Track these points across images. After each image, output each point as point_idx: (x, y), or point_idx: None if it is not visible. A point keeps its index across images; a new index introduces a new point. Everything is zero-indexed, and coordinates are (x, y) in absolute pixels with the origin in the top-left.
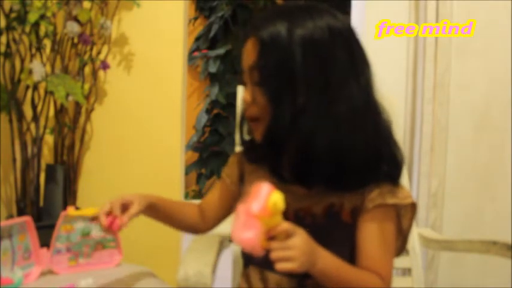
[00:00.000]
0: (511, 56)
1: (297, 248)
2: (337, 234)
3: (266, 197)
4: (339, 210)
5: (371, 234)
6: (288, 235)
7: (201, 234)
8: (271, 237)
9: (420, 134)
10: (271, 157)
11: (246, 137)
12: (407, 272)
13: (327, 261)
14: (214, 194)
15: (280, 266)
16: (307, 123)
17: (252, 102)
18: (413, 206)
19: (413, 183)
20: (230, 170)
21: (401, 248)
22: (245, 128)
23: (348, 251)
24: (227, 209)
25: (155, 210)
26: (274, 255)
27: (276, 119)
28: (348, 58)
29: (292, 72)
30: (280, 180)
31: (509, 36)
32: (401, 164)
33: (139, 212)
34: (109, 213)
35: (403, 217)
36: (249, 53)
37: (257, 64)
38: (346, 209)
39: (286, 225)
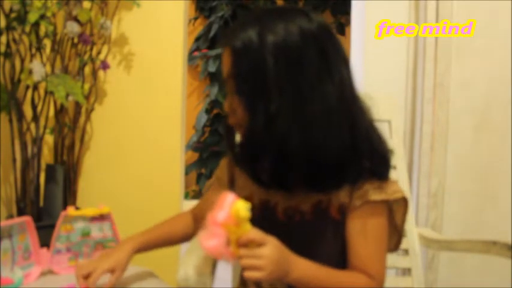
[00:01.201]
0: (511, 56)
1: (266, 257)
2: (327, 231)
3: (230, 206)
4: (326, 206)
5: (358, 232)
6: (258, 244)
7: None
8: (242, 245)
9: (420, 134)
10: (250, 162)
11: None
12: (407, 272)
13: (304, 269)
14: (208, 199)
15: (248, 274)
16: (280, 127)
17: (231, 110)
18: (404, 201)
19: (413, 183)
20: (221, 173)
21: (397, 244)
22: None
23: (339, 247)
24: None
25: (145, 248)
26: (242, 262)
27: (252, 126)
28: (321, 59)
29: (264, 79)
30: (260, 185)
31: (509, 36)
32: (388, 158)
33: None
34: (86, 276)
35: (395, 213)
36: (225, 63)
37: (231, 73)
38: (333, 206)
39: (253, 234)
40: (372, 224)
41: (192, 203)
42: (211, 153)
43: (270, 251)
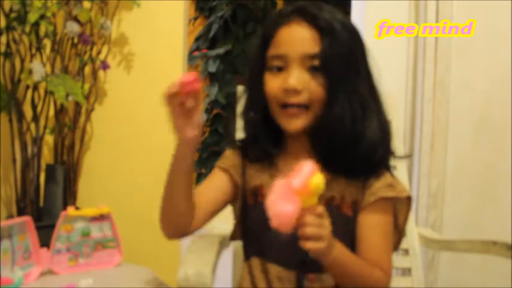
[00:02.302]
0: (511, 56)
1: (328, 228)
2: (338, 227)
3: (308, 176)
4: (339, 203)
5: (373, 226)
6: (322, 216)
7: (191, 234)
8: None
9: (420, 134)
10: (317, 146)
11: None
12: (407, 272)
13: (340, 248)
14: (212, 186)
15: (310, 245)
16: (367, 117)
17: (302, 88)
18: (408, 200)
19: (413, 183)
20: (232, 162)
21: (397, 243)
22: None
23: (348, 243)
24: (225, 200)
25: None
26: (308, 230)
27: (337, 110)
28: (365, 54)
29: (353, 65)
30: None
31: (509, 36)
32: (392, 155)
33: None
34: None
35: (399, 212)
36: (303, 40)
37: (321, 53)
38: (346, 202)
39: (324, 213)
40: (383, 220)
41: None
42: (211, 153)
43: (329, 223)
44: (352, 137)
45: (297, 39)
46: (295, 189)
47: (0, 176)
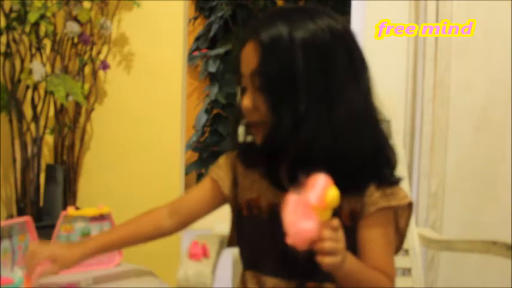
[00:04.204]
0: (511, 56)
1: (343, 242)
2: None
3: (323, 189)
4: (337, 212)
5: (375, 236)
6: (337, 229)
7: (168, 236)
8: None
9: (420, 134)
10: (269, 162)
11: (240, 140)
12: (407, 272)
13: (351, 261)
14: (198, 193)
15: (328, 260)
16: (308, 129)
17: (253, 108)
18: (409, 205)
19: (413, 183)
20: (223, 172)
21: (398, 247)
22: (240, 131)
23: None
24: (207, 209)
25: (103, 250)
26: (326, 245)
27: (277, 125)
28: (349, 61)
29: (294, 78)
30: (276, 186)
31: (509, 36)
32: (396, 166)
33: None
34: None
35: (400, 217)
36: (249, 58)
37: (258, 69)
38: (345, 212)
39: (337, 220)
40: (385, 229)
41: None
42: (211, 153)
43: (342, 233)
44: (293, 151)
45: (246, 58)
46: (313, 205)
47: (0, 176)
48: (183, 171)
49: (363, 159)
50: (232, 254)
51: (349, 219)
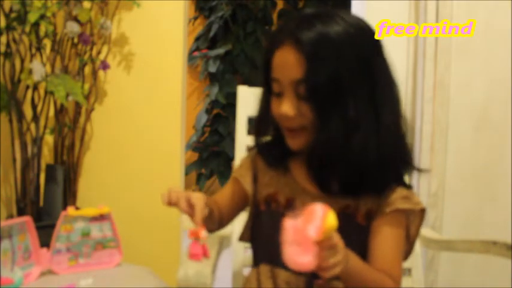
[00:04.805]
0: (511, 56)
1: (342, 251)
2: (351, 236)
3: (322, 220)
4: (353, 212)
5: (386, 237)
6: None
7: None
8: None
9: (420, 134)
10: (312, 166)
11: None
12: (407, 272)
13: (354, 261)
14: (225, 195)
15: (328, 274)
16: (359, 135)
17: (298, 114)
18: (422, 212)
19: (413, 183)
20: (244, 170)
21: (407, 253)
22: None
23: (360, 252)
24: (237, 209)
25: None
26: (325, 264)
27: (327, 132)
28: (386, 65)
29: (341, 85)
30: (323, 191)
31: (509, 36)
32: (413, 168)
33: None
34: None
35: (411, 223)
36: (289, 64)
37: (305, 78)
38: (361, 212)
39: (337, 238)
40: (397, 231)
41: None
42: (211, 153)
43: (341, 242)
44: (344, 158)
45: (286, 65)
46: (312, 239)
47: (0, 176)
48: (183, 171)
49: (391, 163)
50: (232, 254)
51: (364, 219)
